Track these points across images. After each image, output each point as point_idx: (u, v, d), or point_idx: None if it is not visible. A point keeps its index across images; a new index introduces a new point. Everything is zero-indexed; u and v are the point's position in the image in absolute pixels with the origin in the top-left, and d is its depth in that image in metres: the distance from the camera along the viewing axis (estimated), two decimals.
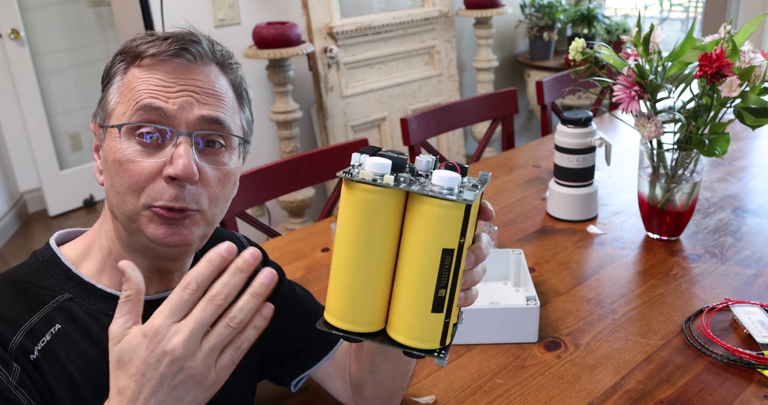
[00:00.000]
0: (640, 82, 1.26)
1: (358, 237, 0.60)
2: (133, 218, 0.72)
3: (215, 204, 0.75)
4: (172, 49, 0.72)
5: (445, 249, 0.59)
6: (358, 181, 0.59)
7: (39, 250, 0.78)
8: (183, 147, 0.70)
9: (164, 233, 0.71)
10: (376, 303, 0.62)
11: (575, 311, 1.20)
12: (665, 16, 4.09)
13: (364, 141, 1.79)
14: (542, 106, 2.29)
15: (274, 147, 3.00)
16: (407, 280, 0.61)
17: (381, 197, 0.59)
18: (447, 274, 0.60)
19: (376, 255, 0.60)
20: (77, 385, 0.71)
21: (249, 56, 2.57)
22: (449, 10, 3.25)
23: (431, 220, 0.59)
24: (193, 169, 0.70)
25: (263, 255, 0.97)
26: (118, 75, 0.74)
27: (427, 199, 0.59)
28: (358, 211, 0.59)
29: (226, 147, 0.75)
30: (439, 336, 0.62)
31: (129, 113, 0.71)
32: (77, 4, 3.70)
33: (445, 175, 0.58)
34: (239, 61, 0.80)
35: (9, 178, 3.71)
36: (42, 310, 0.72)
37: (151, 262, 0.76)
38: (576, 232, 1.49)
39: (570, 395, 0.99)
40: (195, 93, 0.72)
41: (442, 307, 0.61)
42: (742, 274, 1.30)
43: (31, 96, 3.57)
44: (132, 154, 0.70)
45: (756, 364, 1.03)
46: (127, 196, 0.71)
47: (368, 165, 0.59)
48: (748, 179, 1.74)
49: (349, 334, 0.63)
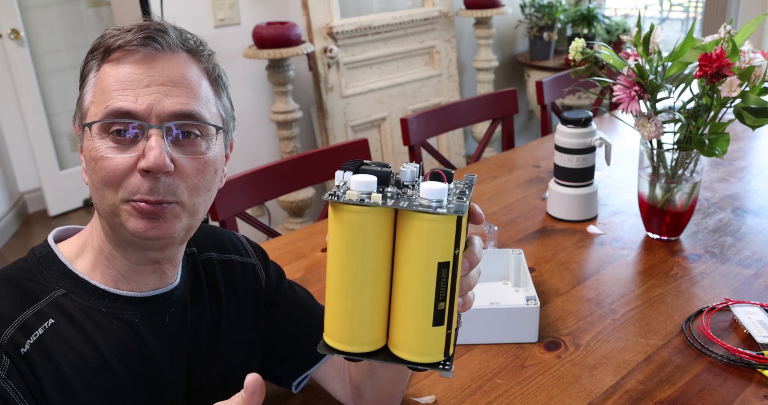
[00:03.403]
0: (640, 82, 1.26)
1: (350, 258, 0.59)
2: (114, 213, 0.72)
3: (196, 194, 0.74)
4: (137, 38, 0.71)
5: (441, 262, 0.58)
6: (345, 202, 0.57)
7: (37, 247, 0.79)
8: (154, 139, 0.70)
9: (144, 227, 0.71)
10: (375, 322, 0.61)
11: (575, 311, 1.20)
12: (665, 16, 4.09)
13: (364, 141, 1.79)
14: (542, 106, 2.29)
15: (274, 147, 3.00)
16: (405, 297, 0.60)
17: (370, 217, 0.58)
18: (445, 287, 0.59)
19: (371, 275, 0.59)
20: (68, 380, 0.71)
21: (249, 56, 2.57)
22: (449, 10, 3.25)
23: (424, 235, 0.57)
24: (165, 161, 0.69)
25: (263, 255, 0.97)
26: (92, 73, 0.74)
27: (418, 214, 0.57)
28: (348, 233, 0.58)
29: (202, 136, 0.74)
30: (443, 348, 0.61)
31: (100, 115, 0.71)
32: (77, 4, 3.69)
33: (432, 188, 0.57)
34: (213, 49, 0.79)
35: (9, 178, 3.71)
36: (36, 305, 0.73)
37: (140, 255, 0.77)
38: (576, 232, 1.49)
39: (570, 395, 0.99)
40: (163, 86, 0.72)
41: (443, 319, 0.60)
42: (742, 274, 1.30)
43: (31, 96, 3.57)
44: (105, 151, 0.71)
45: (756, 364, 1.03)
46: (104, 191, 0.72)
47: (353, 184, 0.57)
48: (748, 179, 1.74)
49: (351, 355, 0.61)
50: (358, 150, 1.78)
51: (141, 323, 0.77)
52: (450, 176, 0.61)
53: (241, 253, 0.94)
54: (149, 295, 0.79)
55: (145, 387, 0.78)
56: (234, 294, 0.90)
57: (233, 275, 0.91)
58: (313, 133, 3.11)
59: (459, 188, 0.62)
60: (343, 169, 0.61)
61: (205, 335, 0.85)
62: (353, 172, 0.60)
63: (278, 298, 0.95)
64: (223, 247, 0.92)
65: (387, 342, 0.63)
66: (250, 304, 0.91)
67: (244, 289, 0.91)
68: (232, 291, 0.90)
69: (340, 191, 0.58)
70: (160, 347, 0.79)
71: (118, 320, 0.76)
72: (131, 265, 0.77)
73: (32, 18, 3.55)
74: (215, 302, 0.88)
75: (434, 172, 0.60)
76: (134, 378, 0.77)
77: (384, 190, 0.59)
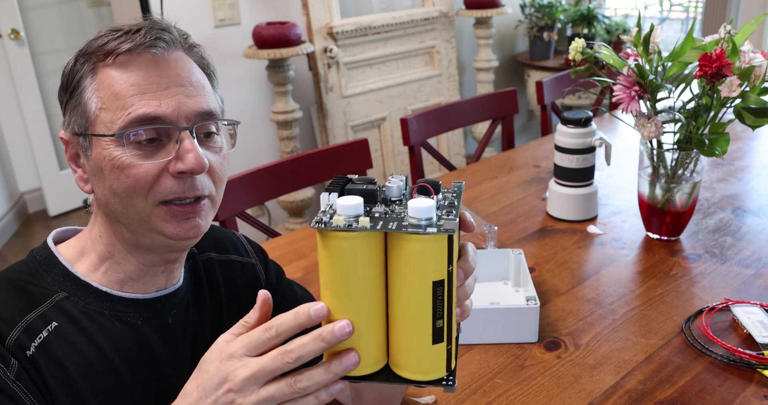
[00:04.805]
0: (640, 82, 1.26)
1: (343, 285, 0.57)
2: (144, 219, 0.72)
3: (221, 187, 0.77)
4: (148, 40, 0.71)
5: (435, 281, 0.57)
6: (333, 229, 0.56)
7: (36, 249, 0.78)
8: (188, 142, 0.71)
9: (184, 229, 0.73)
10: (374, 345, 0.60)
11: (575, 311, 1.20)
12: (665, 16, 4.09)
13: (364, 141, 1.79)
14: (542, 106, 2.29)
15: (274, 147, 3.00)
16: (402, 318, 0.59)
17: (359, 242, 0.56)
18: (441, 305, 0.58)
19: (365, 299, 0.58)
20: (73, 382, 0.71)
21: (249, 56, 2.57)
22: (449, 10, 3.25)
23: (416, 256, 0.56)
24: (204, 161, 0.71)
25: (263, 254, 0.97)
26: (87, 78, 0.72)
27: (407, 235, 0.56)
28: (338, 259, 0.57)
29: (217, 132, 0.76)
30: (444, 364, 0.61)
31: (120, 123, 0.69)
32: (77, 4, 3.70)
33: (420, 205, 0.55)
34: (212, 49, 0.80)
35: (9, 178, 3.71)
36: (39, 308, 0.73)
37: (160, 257, 0.77)
38: (576, 232, 1.49)
39: (570, 395, 0.99)
40: (182, 86, 0.72)
41: (442, 337, 0.59)
42: (742, 274, 1.30)
43: (31, 96, 3.57)
44: (131, 159, 0.70)
45: (756, 364, 1.03)
46: (133, 199, 0.71)
47: (340, 209, 0.56)
48: (748, 179, 1.74)
49: (353, 379, 0.61)
50: (358, 150, 1.78)
51: (144, 325, 0.77)
52: (437, 188, 0.60)
53: (241, 253, 0.94)
54: (151, 296, 0.79)
55: (150, 388, 0.78)
56: (234, 294, 0.90)
57: (233, 275, 0.91)
58: (313, 133, 3.11)
59: (448, 199, 0.61)
60: (328, 191, 0.60)
61: (206, 336, 0.85)
62: (339, 193, 0.60)
63: (278, 298, 0.95)
64: (223, 247, 0.92)
65: (388, 361, 0.62)
66: (251, 304, 0.91)
67: (245, 289, 0.91)
68: (233, 291, 0.90)
69: (326, 217, 0.57)
70: (163, 349, 0.79)
71: (120, 323, 0.76)
72: (144, 268, 0.77)
73: (32, 18, 3.55)
74: (216, 302, 0.88)
75: (421, 186, 0.59)
76: (138, 380, 0.76)
77: (371, 210, 0.58)
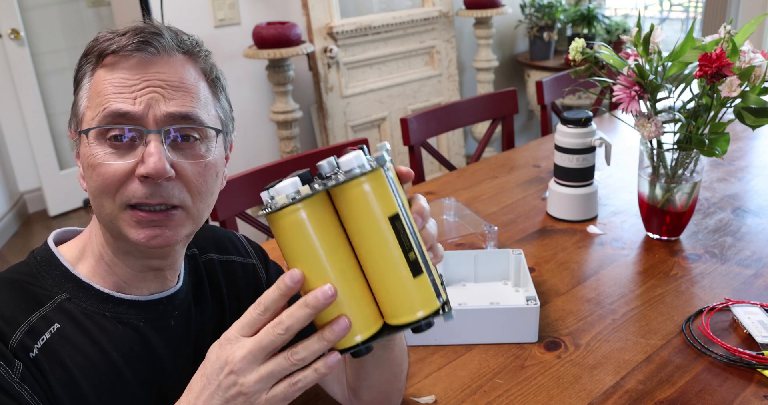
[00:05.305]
0: (640, 82, 1.26)
1: (309, 256, 0.60)
2: (112, 221, 0.71)
3: (200, 199, 0.73)
4: (132, 43, 0.70)
5: (390, 216, 0.60)
6: (281, 208, 0.59)
7: (37, 250, 0.78)
8: (153, 145, 0.68)
9: (147, 236, 0.70)
10: (361, 307, 0.62)
11: (575, 311, 1.20)
12: (665, 16, 4.09)
13: (364, 141, 1.79)
14: (542, 106, 2.29)
15: (274, 147, 3.00)
16: (377, 264, 0.61)
17: (307, 210, 0.60)
18: (406, 237, 0.60)
19: (335, 263, 0.60)
20: (77, 383, 0.71)
21: (249, 56, 2.57)
22: (449, 10, 3.25)
23: (362, 199, 0.60)
24: (165, 167, 0.68)
25: (263, 254, 0.98)
26: (86, 78, 0.72)
27: (348, 183, 0.60)
28: (296, 233, 0.60)
29: (201, 139, 0.72)
30: (433, 294, 0.62)
31: (97, 119, 0.69)
32: (77, 4, 3.70)
33: (348, 157, 0.59)
34: (211, 49, 0.78)
35: (9, 178, 3.71)
36: (41, 309, 0.72)
37: (141, 263, 0.76)
38: (576, 232, 1.49)
39: (570, 395, 0.99)
40: (160, 88, 0.70)
41: (420, 268, 0.61)
42: (742, 274, 1.30)
43: (31, 96, 3.57)
44: (103, 158, 0.69)
45: (756, 364, 1.03)
46: (102, 199, 0.70)
47: (280, 190, 0.60)
48: (748, 179, 1.74)
49: (358, 347, 0.62)
50: None
51: (146, 327, 0.77)
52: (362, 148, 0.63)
53: (242, 253, 0.94)
54: (153, 298, 0.79)
55: (152, 390, 0.78)
56: (235, 295, 0.90)
57: (234, 276, 0.91)
58: (313, 133, 3.11)
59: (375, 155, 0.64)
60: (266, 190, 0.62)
61: (208, 336, 0.84)
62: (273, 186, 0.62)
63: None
64: (224, 248, 0.92)
65: (384, 322, 0.64)
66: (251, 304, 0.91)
67: (246, 290, 0.91)
68: (234, 292, 0.90)
69: (271, 202, 0.61)
70: (166, 350, 0.79)
71: (122, 324, 0.76)
72: (133, 272, 0.76)
73: (32, 18, 3.55)
74: (217, 303, 0.88)
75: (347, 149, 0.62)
76: (141, 381, 0.76)
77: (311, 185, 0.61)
